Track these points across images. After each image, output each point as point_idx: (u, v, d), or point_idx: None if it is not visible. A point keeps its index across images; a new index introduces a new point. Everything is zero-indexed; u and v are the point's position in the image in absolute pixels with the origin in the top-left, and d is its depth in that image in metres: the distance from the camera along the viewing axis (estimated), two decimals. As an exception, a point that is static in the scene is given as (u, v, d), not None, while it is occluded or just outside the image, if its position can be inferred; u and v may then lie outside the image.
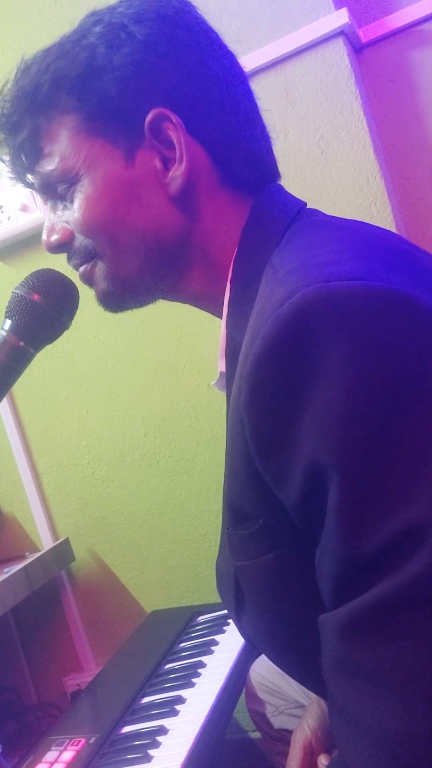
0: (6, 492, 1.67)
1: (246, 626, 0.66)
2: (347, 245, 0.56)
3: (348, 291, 0.47)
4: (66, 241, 0.69)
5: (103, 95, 0.64)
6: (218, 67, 0.66)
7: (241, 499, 0.57)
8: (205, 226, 0.67)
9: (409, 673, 0.44)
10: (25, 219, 1.52)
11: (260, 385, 0.49)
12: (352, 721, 0.47)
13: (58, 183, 0.67)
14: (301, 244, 0.59)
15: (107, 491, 1.59)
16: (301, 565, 0.54)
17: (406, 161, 1.39)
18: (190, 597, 1.54)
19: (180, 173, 0.64)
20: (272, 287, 0.54)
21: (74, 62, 0.64)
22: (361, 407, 0.45)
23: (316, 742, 0.86)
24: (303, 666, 0.64)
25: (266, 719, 1.06)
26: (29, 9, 1.52)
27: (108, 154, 0.65)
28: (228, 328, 0.64)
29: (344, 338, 0.46)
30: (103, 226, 0.66)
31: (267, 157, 0.71)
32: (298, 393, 0.47)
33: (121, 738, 0.97)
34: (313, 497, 0.48)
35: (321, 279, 0.48)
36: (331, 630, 0.48)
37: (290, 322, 0.47)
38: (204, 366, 1.48)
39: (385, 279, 0.48)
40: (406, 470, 0.44)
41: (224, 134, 0.66)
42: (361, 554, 0.45)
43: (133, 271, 0.68)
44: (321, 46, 1.30)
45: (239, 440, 0.53)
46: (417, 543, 0.43)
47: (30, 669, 1.66)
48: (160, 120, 0.64)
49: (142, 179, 0.65)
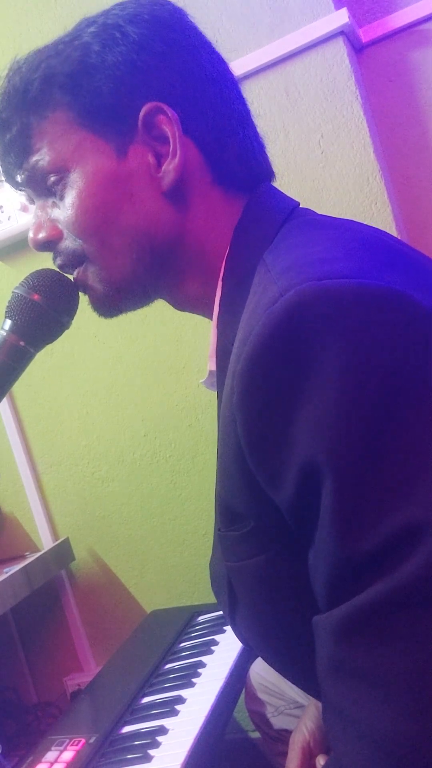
0: (6, 492, 1.67)
1: (240, 627, 0.66)
2: (340, 244, 0.55)
3: (341, 289, 0.46)
4: (54, 240, 0.69)
5: (96, 92, 0.64)
6: (211, 69, 0.67)
7: (233, 500, 0.57)
8: (198, 224, 0.66)
9: (404, 674, 0.43)
10: (25, 219, 1.52)
11: (253, 384, 0.48)
12: (347, 722, 0.46)
13: (48, 175, 0.66)
14: (293, 242, 0.58)
15: (107, 491, 1.59)
16: (294, 566, 0.53)
17: (406, 161, 1.39)
18: (190, 597, 1.54)
19: (173, 167, 0.64)
20: (265, 285, 0.53)
21: (67, 60, 0.64)
22: (355, 406, 0.44)
23: (314, 743, 0.86)
24: (297, 667, 0.64)
25: (266, 719, 1.06)
26: (28, 10, 1.52)
27: (99, 148, 0.65)
28: (219, 326, 0.63)
29: (337, 336, 0.45)
30: (95, 226, 0.65)
31: (260, 158, 0.70)
32: (292, 392, 0.46)
33: (121, 738, 0.97)
34: (306, 497, 0.47)
35: (314, 277, 0.47)
36: (325, 631, 0.48)
37: (283, 320, 0.47)
38: (204, 366, 1.48)
39: (378, 277, 0.48)
40: (401, 470, 0.44)
41: (217, 133, 0.66)
42: (355, 555, 0.45)
43: (126, 272, 0.67)
44: (321, 46, 1.30)
45: (232, 440, 0.53)
46: (412, 543, 0.43)
47: (30, 669, 1.66)
48: (154, 114, 0.63)
49: (134, 174, 0.65)
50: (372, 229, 0.65)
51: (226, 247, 0.66)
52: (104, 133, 0.65)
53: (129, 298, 0.70)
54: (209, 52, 0.68)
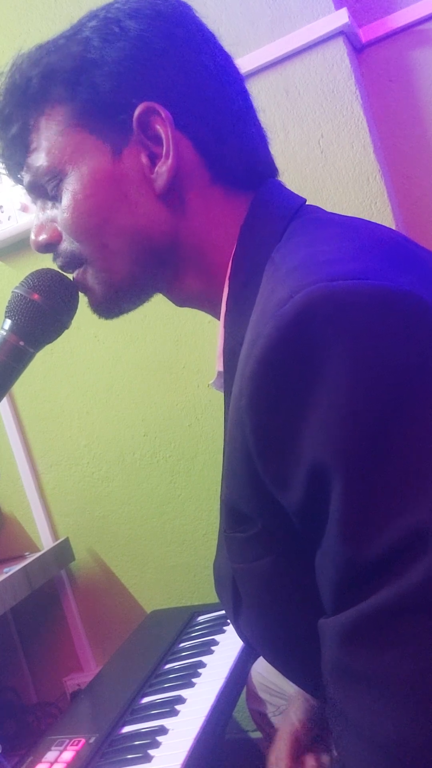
0: (6, 492, 1.67)
1: (243, 628, 0.65)
2: (350, 243, 0.55)
3: (352, 290, 0.46)
4: (54, 242, 0.69)
5: (94, 89, 0.63)
6: (213, 65, 0.65)
7: (239, 502, 0.56)
8: (196, 223, 0.65)
9: (410, 679, 0.43)
10: (25, 219, 1.52)
11: (263, 386, 0.48)
12: (353, 727, 0.46)
13: (47, 179, 0.66)
14: (302, 241, 0.58)
15: (107, 491, 1.59)
16: (300, 568, 0.53)
17: (406, 161, 1.39)
18: (190, 597, 1.54)
19: (166, 169, 0.63)
20: (274, 285, 0.52)
21: (67, 56, 0.64)
22: (366, 409, 0.44)
23: (303, 733, 0.85)
24: (300, 669, 0.64)
25: (267, 719, 1.06)
26: (30, 9, 1.52)
27: (96, 148, 0.64)
28: (226, 326, 0.63)
29: (348, 339, 0.45)
30: (91, 228, 0.65)
31: (262, 154, 0.69)
32: (302, 394, 0.46)
33: (121, 738, 0.97)
34: (315, 500, 0.47)
35: (324, 278, 0.46)
36: (331, 635, 0.47)
37: (293, 321, 0.46)
38: (204, 366, 1.48)
39: (388, 278, 0.47)
40: (410, 474, 0.43)
41: (216, 131, 0.65)
42: (363, 559, 0.45)
43: (124, 273, 0.67)
44: (321, 46, 1.30)
45: (240, 442, 0.52)
46: (420, 548, 0.43)
47: (30, 669, 1.66)
48: (148, 114, 0.62)
49: (129, 175, 0.64)
50: (380, 226, 0.64)
51: (230, 245, 0.65)
52: (101, 132, 0.64)
53: (128, 299, 0.70)
54: (211, 48, 0.66)
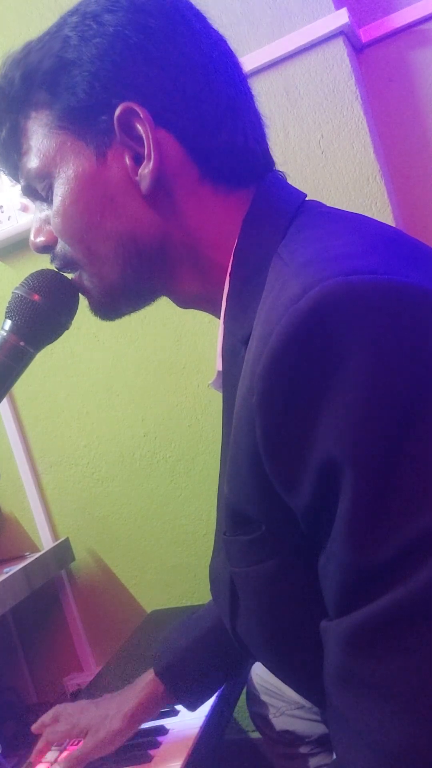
0: (6, 492, 1.67)
1: (241, 633, 0.64)
2: (360, 238, 0.54)
3: (369, 285, 0.44)
4: (50, 244, 0.68)
5: (73, 90, 0.61)
6: (198, 55, 0.62)
7: (243, 504, 0.55)
8: (187, 222, 0.64)
9: (414, 685, 0.43)
10: (25, 219, 1.52)
11: (276, 384, 0.46)
12: (354, 731, 0.46)
13: (38, 181, 0.66)
14: (312, 235, 0.56)
15: (107, 491, 1.59)
16: (303, 571, 0.52)
17: (406, 161, 1.39)
18: (190, 597, 1.54)
19: (148, 171, 0.61)
20: (285, 281, 0.51)
21: (46, 55, 0.62)
22: (381, 405, 0.43)
23: (60, 734, 0.91)
24: (299, 674, 0.63)
25: (268, 721, 1.06)
26: (29, 11, 1.52)
27: (80, 152, 0.62)
28: (226, 322, 0.61)
29: (366, 335, 0.43)
30: (79, 233, 0.64)
31: (256, 147, 0.66)
32: (317, 392, 0.44)
33: (121, 738, 0.97)
34: (324, 501, 0.46)
35: (340, 272, 0.45)
36: (334, 639, 0.47)
37: (309, 317, 0.45)
38: (204, 366, 1.48)
39: (402, 273, 0.46)
40: (421, 476, 0.43)
41: (202, 127, 0.62)
42: (370, 561, 0.44)
43: (115, 277, 0.66)
44: (321, 46, 1.30)
45: (246, 441, 0.50)
46: (426, 552, 0.42)
47: (30, 669, 1.66)
48: (128, 115, 0.60)
49: (113, 178, 0.62)
50: (381, 222, 0.62)
51: (229, 242, 0.63)
52: (84, 134, 0.62)
53: (125, 301, 0.69)
54: (196, 35, 0.63)
